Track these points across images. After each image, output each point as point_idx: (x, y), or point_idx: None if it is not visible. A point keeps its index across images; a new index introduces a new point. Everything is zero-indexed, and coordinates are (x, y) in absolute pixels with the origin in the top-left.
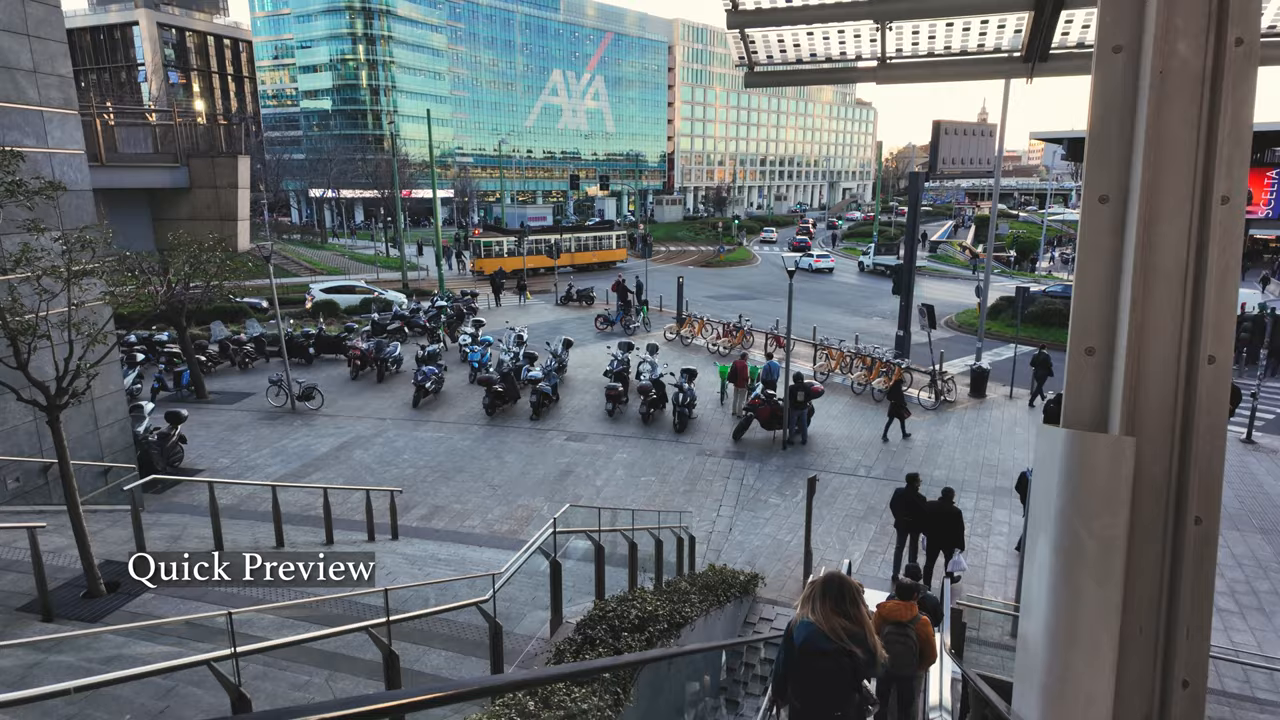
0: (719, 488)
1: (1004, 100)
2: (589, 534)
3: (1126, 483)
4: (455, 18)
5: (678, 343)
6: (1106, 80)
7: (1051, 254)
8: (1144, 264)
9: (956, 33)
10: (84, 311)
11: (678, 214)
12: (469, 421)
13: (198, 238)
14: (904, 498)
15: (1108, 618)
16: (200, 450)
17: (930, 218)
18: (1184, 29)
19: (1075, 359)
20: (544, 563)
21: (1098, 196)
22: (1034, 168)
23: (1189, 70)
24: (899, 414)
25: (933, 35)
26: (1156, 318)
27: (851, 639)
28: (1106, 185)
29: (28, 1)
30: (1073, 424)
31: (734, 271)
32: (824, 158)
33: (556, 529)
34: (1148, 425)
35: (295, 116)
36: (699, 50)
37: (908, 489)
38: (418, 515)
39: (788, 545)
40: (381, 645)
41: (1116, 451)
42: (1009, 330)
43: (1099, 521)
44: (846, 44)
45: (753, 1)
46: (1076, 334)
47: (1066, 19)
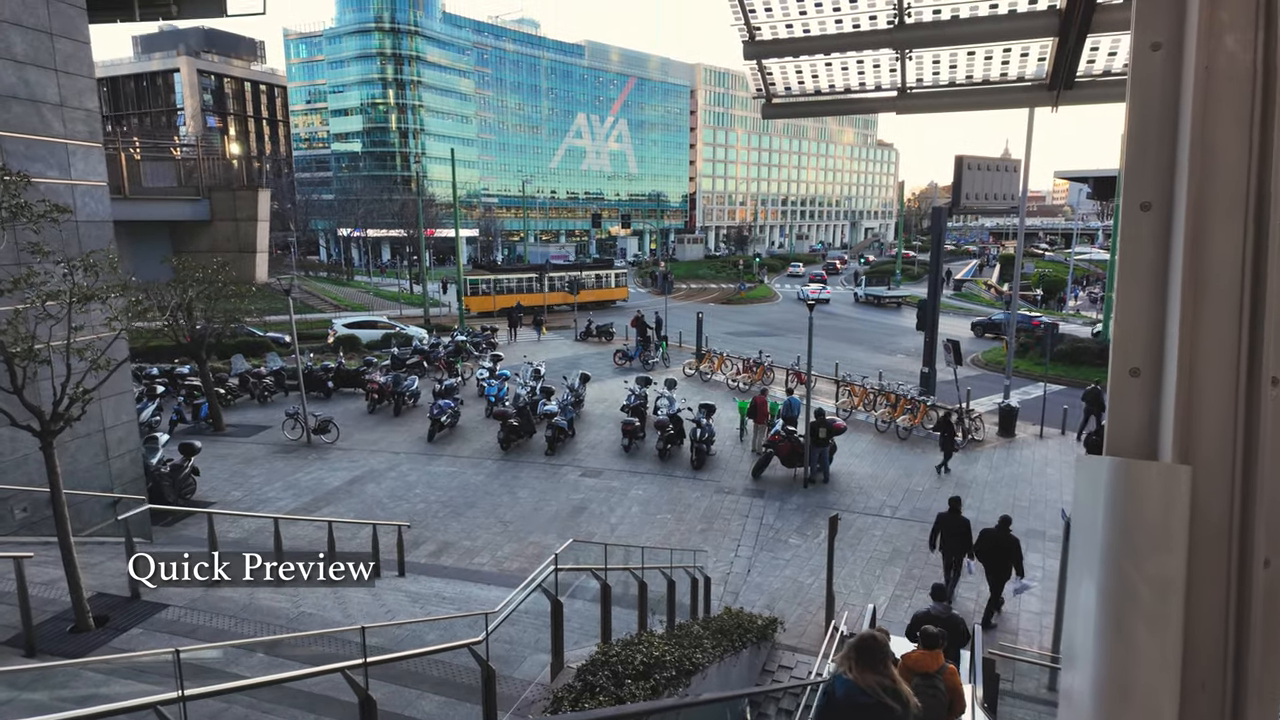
0: (737, 527)
1: (1028, 129)
2: (594, 572)
3: (1182, 517)
4: (483, 63)
5: (697, 378)
6: (1145, 79)
7: (1076, 292)
8: (1193, 276)
9: (978, 62)
10: (88, 337)
11: (699, 253)
12: (483, 456)
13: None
14: (948, 522)
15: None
16: (213, 483)
17: (954, 257)
18: (1230, 22)
19: (1118, 381)
20: (547, 602)
21: (1139, 204)
22: (1059, 208)
23: (1238, 65)
24: (948, 448)
25: (953, 65)
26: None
27: (886, 693)
28: (1148, 191)
29: (57, 38)
30: (1118, 451)
31: (755, 309)
32: (845, 198)
33: (558, 566)
34: (1204, 453)
35: (326, 158)
36: (720, 94)
37: (950, 512)
38: (426, 551)
39: (809, 588)
40: (358, 689)
41: (1170, 481)
42: (1037, 368)
43: (1152, 561)
44: (865, 74)
45: (769, 32)
46: (1119, 354)
47: (1092, 46)
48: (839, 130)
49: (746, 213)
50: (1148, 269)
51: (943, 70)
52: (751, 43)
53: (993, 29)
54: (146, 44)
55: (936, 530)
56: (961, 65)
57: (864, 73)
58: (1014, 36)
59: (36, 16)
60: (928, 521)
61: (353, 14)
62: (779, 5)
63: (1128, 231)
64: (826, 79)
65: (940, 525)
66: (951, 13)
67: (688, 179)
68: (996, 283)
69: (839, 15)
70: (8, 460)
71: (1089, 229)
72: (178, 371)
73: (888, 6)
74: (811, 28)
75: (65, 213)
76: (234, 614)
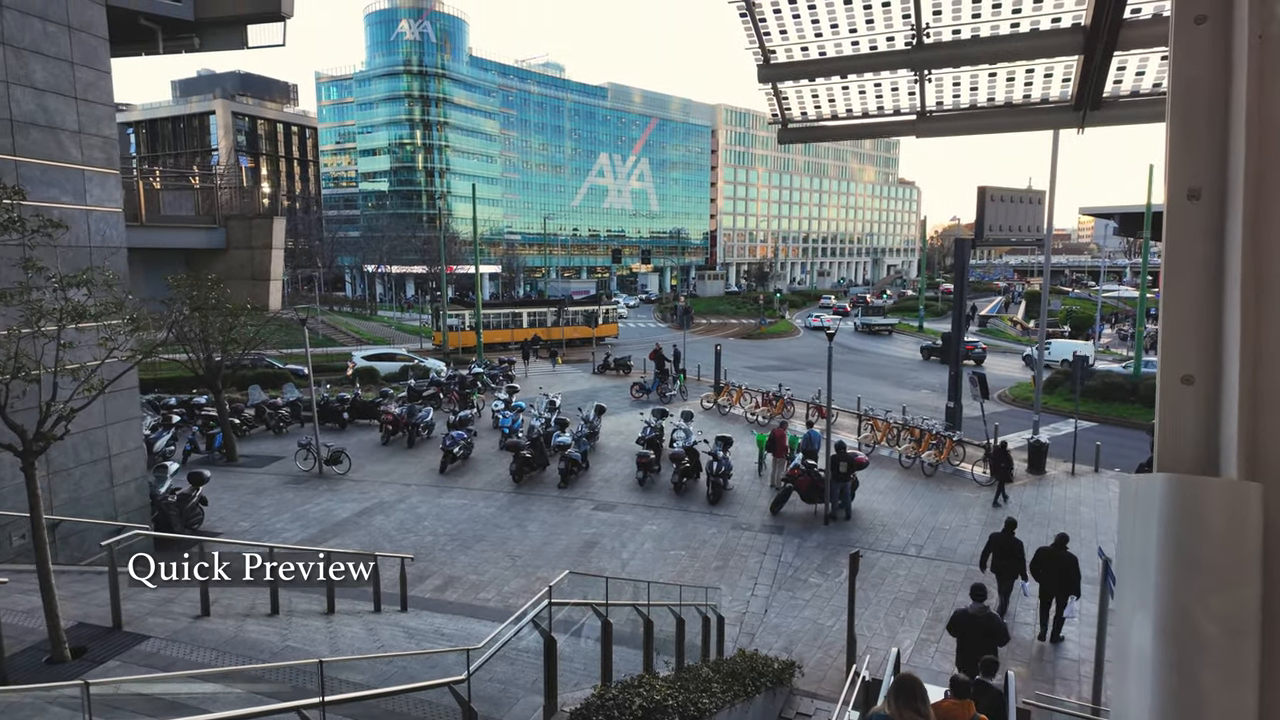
0: (754, 564)
1: (1053, 154)
2: (595, 608)
3: (1255, 541)
4: (508, 105)
5: (715, 411)
6: (1190, 55)
7: (1100, 329)
8: (1254, 270)
9: (1000, 82)
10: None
11: (719, 289)
12: (495, 489)
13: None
14: (1001, 543)
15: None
16: (222, 513)
17: (978, 293)
18: None
19: (1169, 390)
20: (541, 639)
21: (1185, 191)
22: (1084, 245)
23: None
24: (1004, 478)
25: (974, 86)
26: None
27: None
28: (1196, 176)
29: (78, 66)
30: (1172, 467)
31: (775, 343)
32: (867, 235)
33: (553, 600)
34: (1275, 468)
35: (354, 196)
36: (741, 133)
37: (1004, 533)
38: (431, 586)
39: (829, 631)
40: None
41: (1237, 500)
42: (1067, 405)
43: (1220, 596)
44: (884, 97)
45: (785, 55)
46: (1169, 359)
47: (1119, 65)
48: (860, 168)
49: (767, 249)
50: (1199, 263)
51: (963, 92)
52: (766, 66)
53: (1015, 48)
54: (184, 88)
55: (988, 551)
56: (983, 87)
57: (882, 96)
58: (1037, 55)
59: (59, 46)
60: (955, 561)
61: (383, 57)
62: (794, 28)
63: (1175, 223)
64: (844, 103)
65: (993, 546)
66: (972, 32)
67: (709, 216)
68: (1023, 319)
69: (856, 37)
70: (8, 485)
71: (1116, 266)
72: (195, 402)
73: (906, 27)
74: (828, 50)
75: (60, 228)
76: (217, 647)
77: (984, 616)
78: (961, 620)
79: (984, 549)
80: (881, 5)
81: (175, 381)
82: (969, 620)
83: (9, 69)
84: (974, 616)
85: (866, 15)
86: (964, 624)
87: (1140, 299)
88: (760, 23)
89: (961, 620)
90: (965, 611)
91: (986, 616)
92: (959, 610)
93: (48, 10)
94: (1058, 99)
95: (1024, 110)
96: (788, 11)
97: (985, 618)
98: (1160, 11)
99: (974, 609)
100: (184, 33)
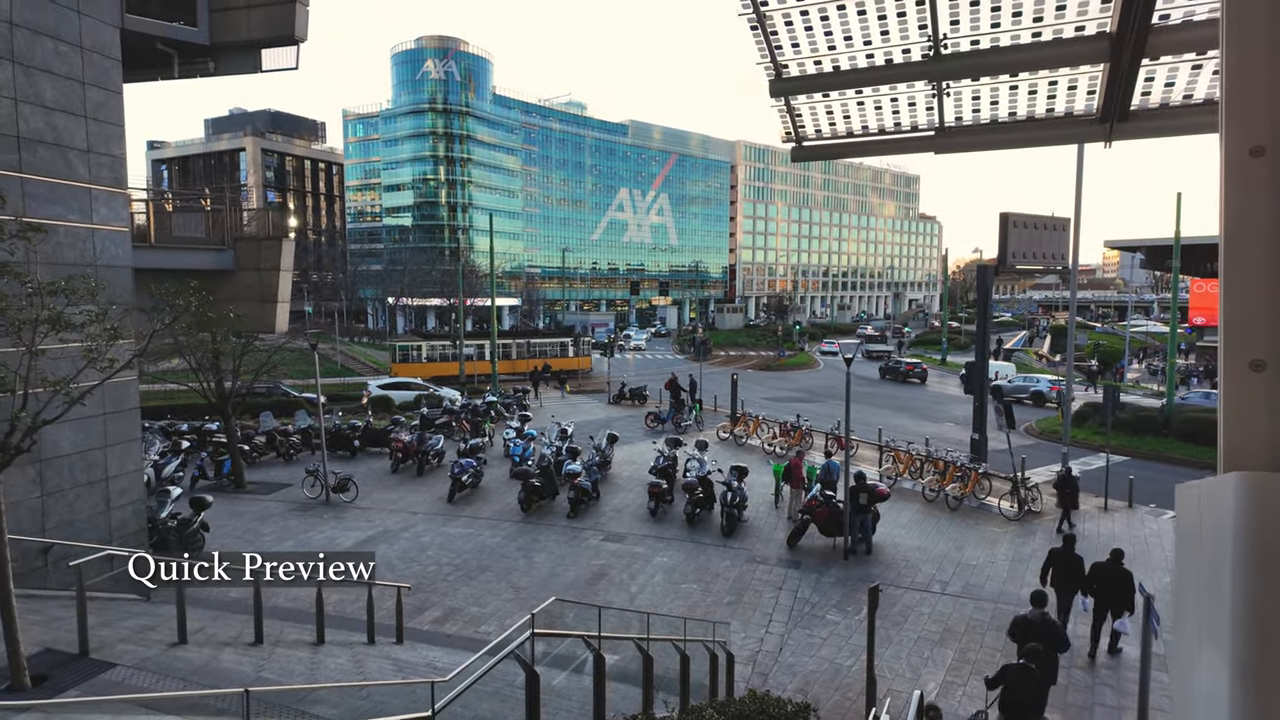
0: (769, 600)
1: (1078, 170)
2: (586, 639)
3: None
4: (530, 141)
5: (731, 442)
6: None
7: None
8: None
9: (1022, 96)
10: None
11: (738, 321)
12: (502, 518)
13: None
14: (1060, 558)
15: None
16: (224, 540)
17: (1002, 327)
18: None
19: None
20: (523, 674)
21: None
22: (1110, 280)
23: None
24: (1070, 504)
25: (995, 100)
26: None
27: None
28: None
29: (89, 86)
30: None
31: (794, 375)
32: (888, 269)
33: (535, 630)
34: None
35: (378, 230)
36: (760, 169)
37: (1064, 548)
38: (430, 618)
39: (847, 671)
40: None
41: None
42: (1097, 438)
43: None
44: (901, 112)
45: (798, 69)
46: (1234, 343)
47: (1147, 76)
48: (880, 203)
49: (787, 283)
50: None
51: (983, 106)
52: (778, 80)
53: (1037, 57)
54: (217, 126)
55: (1048, 566)
56: (1004, 100)
57: (899, 111)
58: (1061, 64)
59: (70, 65)
60: (983, 599)
61: (408, 95)
62: (806, 40)
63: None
64: (859, 119)
65: (1052, 561)
66: (991, 42)
67: (728, 250)
68: (1048, 352)
69: (870, 50)
70: None
71: (1143, 301)
72: (206, 428)
73: (922, 38)
74: (842, 63)
75: (39, 232)
76: (185, 675)
77: (1043, 622)
78: (1021, 625)
79: (1044, 564)
80: (897, 15)
81: (189, 409)
82: (1028, 626)
83: (18, 87)
84: (1033, 622)
85: (881, 26)
86: (1023, 629)
87: (1171, 332)
88: (772, 35)
89: (1021, 625)
90: (1025, 617)
91: (1046, 622)
92: (1018, 616)
93: (60, 30)
94: (1083, 112)
95: (1047, 123)
96: (800, 24)
97: (1044, 623)
98: (1191, 16)
99: (1033, 614)
100: (199, 57)
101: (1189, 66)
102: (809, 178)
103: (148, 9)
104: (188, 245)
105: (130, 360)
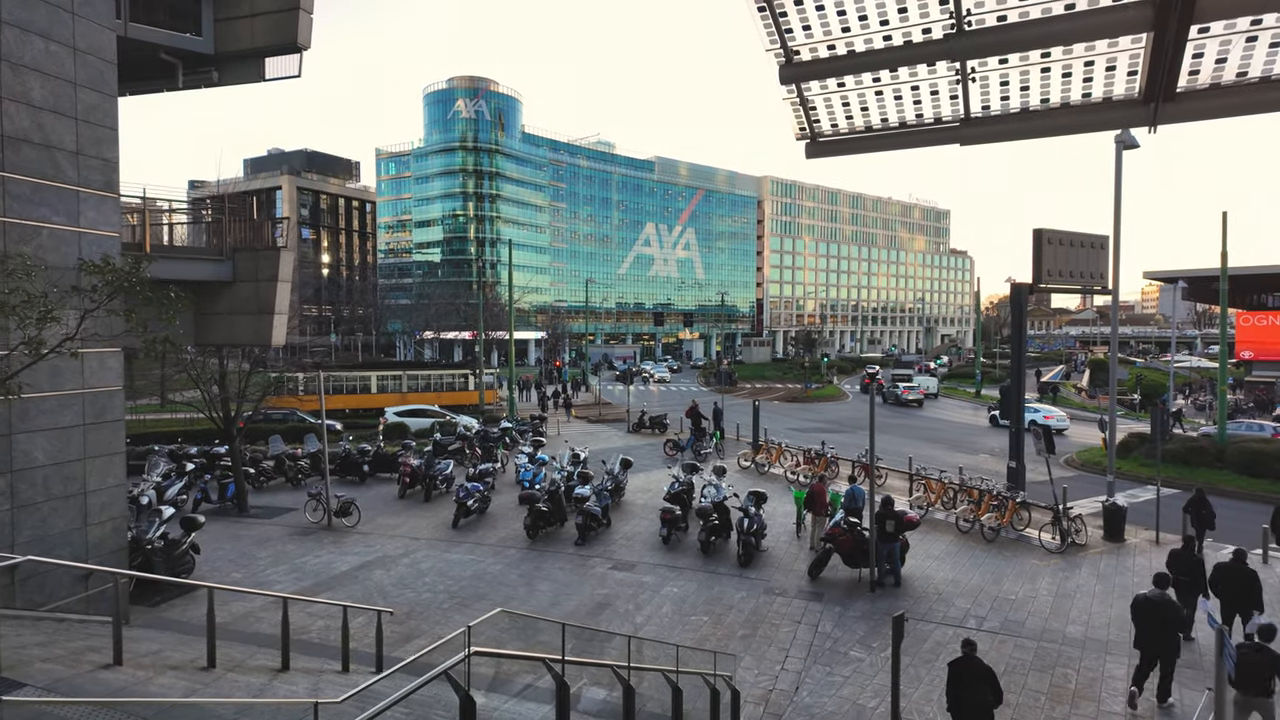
0: (786, 634)
1: (1116, 165)
2: (548, 663)
3: None
4: (558, 178)
5: (753, 470)
6: None
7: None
8: None
9: (1054, 78)
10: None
11: (766, 355)
12: (507, 544)
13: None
14: (1180, 559)
15: None
16: (216, 563)
17: (1038, 361)
18: None
19: None
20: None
21: None
22: (1149, 316)
23: None
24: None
25: (1025, 85)
26: None
27: None
28: None
29: (81, 88)
30: None
31: (822, 407)
32: (918, 304)
33: (474, 649)
34: None
35: (408, 265)
36: (787, 204)
37: (1184, 549)
38: (416, 646)
39: (871, 713)
40: None
41: None
42: (1143, 470)
43: None
44: (923, 102)
45: (809, 53)
46: None
47: (1195, 51)
48: (909, 237)
49: (815, 318)
50: None
51: (1012, 91)
52: (789, 65)
53: (1071, 29)
54: (255, 165)
55: (1170, 566)
56: (1034, 83)
57: (920, 100)
58: (1098, 36)
59: (61, 65)
60: (1023, 636)
61: (439, 134)
62: (818, 22)
63: None
64: (878, 110)
65: (1173, 562)
66: (1019, 15)
67: (755, 285)
68: (1087, 386)
69: (888, 30)
70: None
71: (1186, 336)
72: (214, 452)
73: (944, 15)
74: (857, 45)
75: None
76: (96, 697)
77: (1162, 602)
78: (1140, 606)
79: (1166, 562)
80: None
81: (204, 434)
82: (1147, 605)
83: (4, 84)
84: (1152, 601)
85: (899, 4)
86: (1142, 609)
87: (1221, 362)
88: (781, 18)
89: (1140, 606)
90: (1145, 596)
91: (1165, 603)
92: (1139, 595)
93: (51, 30)
94: (1123, 95)
95: (1084, 109)
96: (810, 3)
97: (1164, 604)
98: None
99: (1153, 594)
100: (203, 67)
101: (1243, 39)
102: (837, 212)
103: (152, 19)
104: (184, 255)
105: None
